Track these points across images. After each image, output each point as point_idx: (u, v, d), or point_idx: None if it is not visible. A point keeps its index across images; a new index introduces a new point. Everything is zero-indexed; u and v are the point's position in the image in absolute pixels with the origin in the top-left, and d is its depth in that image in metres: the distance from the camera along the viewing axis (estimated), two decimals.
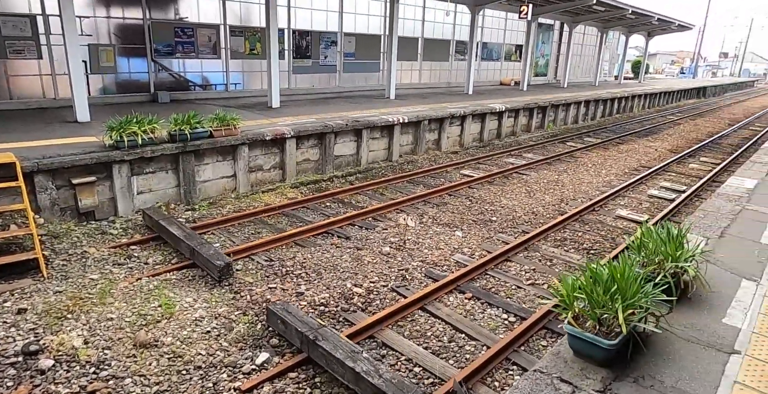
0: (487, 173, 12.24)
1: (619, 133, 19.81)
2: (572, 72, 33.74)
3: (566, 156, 15.16)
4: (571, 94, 23.31)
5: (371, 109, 14.44)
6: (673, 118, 26.03)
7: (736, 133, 22.16)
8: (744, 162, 11.42)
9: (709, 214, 6.14)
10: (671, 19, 31.45)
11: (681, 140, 19.33)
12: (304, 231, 7.93)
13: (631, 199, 11.04)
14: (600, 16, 25.94)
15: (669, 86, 35.39)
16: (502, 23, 26.52)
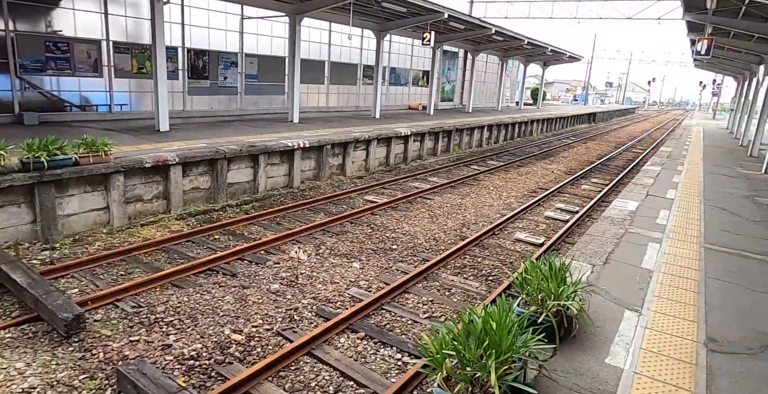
0: (391, 199, 12.01)
1: (519, 156, 20.65)
2: (476, 98, 35.27)
3: (470, 179, 15.40)
4: (475, 118, 24.15)
5: (272, 133, 13.82)
6: (568, 142, 27.79)
7: (622, 155, 24.01)
8: (628, 183, 12.16)
9: (595, 238, 6.21)
10: (563, 51, 34.02)
11: (575, 162, 20.51)
12: (184, 269, 7.10)
13: (529, 221, 11.25)
14: (499, 45, 27.39)
15: (564, 112, 38.04)
16: (410, 49, 27.14)
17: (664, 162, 14.79)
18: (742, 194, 10.34)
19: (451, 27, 21.17)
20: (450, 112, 27.89)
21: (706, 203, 9.15)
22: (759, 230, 7.58)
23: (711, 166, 14.46)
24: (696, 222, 7.53)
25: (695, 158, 16.35)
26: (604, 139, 31.86)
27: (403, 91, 27.72)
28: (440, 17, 17.59)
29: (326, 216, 10.52)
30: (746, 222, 7.94)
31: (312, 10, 15.10)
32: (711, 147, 21.04)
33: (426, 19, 18.07)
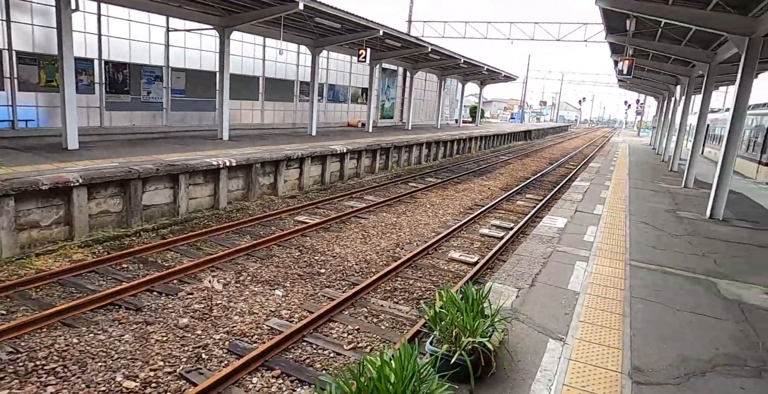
0: (323, 219, 11.54)
1: (457, 173, 20.76)
2: (416, 115, 35.61)
3: (407, 197, 15.17)
4: (414, 136, 24.20)
5: (198, 151, 13.06)
6: (505, 158, 28.40)
7: (555, 170, 24.74)
8: (560, 197, 12.33)
9: (523, 259, 6.02)
10: (498, 70, 35.08)
11: (511, 178, 20.84)
12: (79, 305, 6.30)
13: (464, 239, 11.08)
14: (437, 64, 27.81)
15: (501, 130, 39.10)
16: (348, 66, 27.02)
17: (592, 178, 15.21)
18: (664, 208, 10.66)
19: (387, 44, 21.21)
20: (389, 129, 27.89)
21: (632, 217, 9.31)
22: (680, 245, 7.71)
23: (636, 182, 15.00)
24: (622, 238, 7.56)
25: (622, 174, 16.97)
26: (539, 155, 32.87)
27: (342, 108, 27.48)
28: (375, 34, 17.53)
29: (252, 239, 9.90)
30: (669, 237, 8.07)
31: (241, 23, 14.58)
32: (636, 163, 22.04)
33: (361, 35, 17.96)
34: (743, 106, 9.13)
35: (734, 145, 9.36)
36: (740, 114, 9.20)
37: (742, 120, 9.27)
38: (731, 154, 9.44)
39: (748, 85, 9.07)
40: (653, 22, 12.19)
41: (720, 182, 9.66)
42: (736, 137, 9.32)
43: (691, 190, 14.23)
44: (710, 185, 15.36)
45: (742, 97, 9.07)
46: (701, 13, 9.45)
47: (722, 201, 9.73)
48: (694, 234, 8.37)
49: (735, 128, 9.28)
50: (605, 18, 13.09)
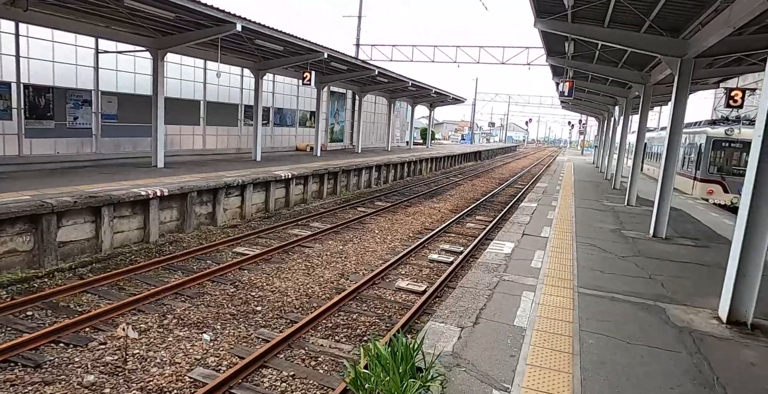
0: (264, 249, 10.87)
1: (408, 196, 20.50)
2: (367, 138, 35.45)
3: (355, 222, 14.69)
4: (364, 159, 23.90)
5: (128, 180, 12.17)
6: (455, 180, 28.50)
7: (505, 191, 24.95)
8: (509, 219, 12.18)
9: (467, 291, 5.64)
10: (446, 93, 35.61)
11: (461, 200, 20.76)
12: None
13: (412, 266, 10.67)
14: (385, 87, 27.85)
15: (451, 151, 39.50)
16: (295, 90, 26.60)
17: (540, 198, 15.26)
18: (609, 228, 10.66)
19: (334, 67, 20.99)
20: (339, 152, 27.52)
21: (579, 239, 9.19)
22: (627, 267, 7.57)
23: (581, 201, 15.15)
24: (569, 262, 7.35)
25: (567, 193, 17.18)
26: (489, 175, 33.27)
27: (291, 132, 26.93)
28: (320, 57, 17.24)
29: (183, 275, 9.12)
30: (615, 259, 7.94)
31: (175, 45, 13.94)
32: (581, 181, 22.52)
33: (306, 58, 17.63)
34: (679, 124, 9.30)
35: (672, 164, 9.49)
36: (677, 132, 9.36)
37: (678, 138, 9.43)
38: (670, 173, 9.56)
39: (682, 104, 9.26)
40: (591, 45, 12.47)
41: (661, 202, 9.74)
42: (674, 156, 9.46)
43: (634, 208, 14.47)
44: (651, 202, 15.77)
45: (678, 116, 9.25)
46: (636, 36, 9.68)
47: (664, 220, 9.80)
48: (639, 254, 8.30)
49: (672, 147, 9.43)
50: (545, 41, 13.33)
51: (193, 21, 12.77)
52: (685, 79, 9.10)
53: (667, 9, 8.37)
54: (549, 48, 14.23)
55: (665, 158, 9.39)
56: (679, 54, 9.11)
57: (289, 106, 26.52)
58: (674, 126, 9.29)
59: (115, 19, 13.11)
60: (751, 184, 4.85)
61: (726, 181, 18.75)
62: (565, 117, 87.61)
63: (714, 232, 11.56)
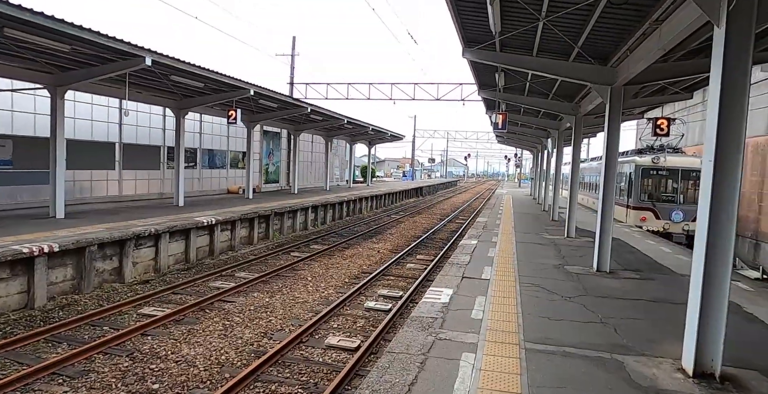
0: (177, 308, 9.47)
1: (346, 237, 19.50)
2: (304, 178, 34.45)
3: (287, 270, 13.48)
4: (299, 200, 22.82)
5: (12, 235, 10.49)
6: (396, 217, 27.83)
7: (446, 226, 24.47)
8: (450, 257, 11.39)
9: (397, 359, 4.67)
10: (384, 130, 35.48)
11: (402, 239, 19.97)
12: None
13: (346, 317, 9.60)
14: (320, 125, 27.19)
15: (392, 188, 39.11)
16: (225, 129, 25.42)
17: (480, 234, 14.70)
18: (553, 264, 10.10)
19: (263, 105, 20.10)
20: (274, 194, 26.29)
21: (522, 279, 8.50)
22: (575, 310, 6.89)
23: (522, 235, 14.72)
24: (513, 309, 6.57)
25: (508, 227, 16.79)
26: (430, 211, 32.92)
27: (221, 174, 25.51)
28: (245, 94, 16.33)
29: (69, 348, 7.59)
30: (562, 301, 7.26)
31: (77, 81, 12.60)
32: (520, 214, 22.41)
33: (230, 95, 16.66)
34: (614, 152, 9.03)
35: (611, 195, 9.14)
36: (612, 161, 9.06)
37: (614, 167, 9.14)
38: (609, 204, 9.19)
39: (615, 131, 9.03)
40: (521, 76, 12.35)
41: (602, 235, 9.29)
42: (612, 186, 9.12)
43: (574, 239, 14.16)
44: (590, 233, 15.65)
45: (612, 144, 8.98)
46: (565, 65, 9.49)
47: (607, 254, 9.34)
48: (587, 293, 7.67)
49: (609, 176, 9.10)
50: (476, 72, 13.11)
51: (95, 54, 11.57)
52: (616, 106, 8.90)
53: (595, 35, 8.16)
54: (480, 80, 14.07)
55: (603, 189, 9.04)
56: (608, 82, 8.94)
57: (219, 147, 25.21)
58: (609, 154, 8.99)
59: (6, 54, 11.70)
60: (706, 216, 4.28)
61: (657, 208, 19.13)
62: (501, 151, 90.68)
63: (655, 261, 11.29)
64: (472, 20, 8.78)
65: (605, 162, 9.02)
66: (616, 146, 9.10)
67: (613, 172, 9.04)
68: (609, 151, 8.98)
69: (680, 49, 8.19)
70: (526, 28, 7.71)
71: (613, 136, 8.97)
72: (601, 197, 9.10)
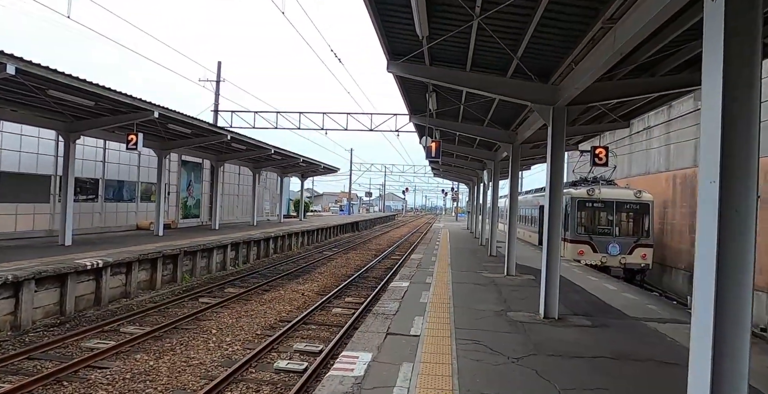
0: (22, 382, 7.19)
1: (269, 278, 17.47)
2: (230, 213, 32.00)
3: (189, 320, 11.33)
4: (218, 236, 20.57)
5: None
6: (329, 254, 26.00)
7: (381, 263, 22.91)
8: (376, 305, 9.79)
9: None
10: (317, 162, 33.86)
11: (331, 278, 18.19)
12: None
13: (249, 383, 7.70)
14: (245, 155, 25.19)
15: (327, 223, 37.30)
16: (136, 158, 22.89)
17: (413, 274, 13.23)
18: (494, 310, 8.72)
19: (176, 131, 18.00)
20: (192, 230, 23.78)
21: (459, 334, 7.01)
22: (525, 377, 5.45)
23: (459, 274, 13.38)
24: (448, 384, 5.01)
25: (443, 265, 15.47)
26: (366, 247, 31.35)
27: (130, 208, 22.78)
28: (148, 116, 14.28)
29: None
30: (508, 364, 5.81)
31: None
32: (457, 249, 21.29)
33: (131, 118, 14.54)
34: (558, 182, 7.92)
35: (557, 229, 7.98)
36: (557, 190, 7.94)
37: (560, 196, 8.02)
38: (555, 239, 8.00)
39: (559, 156, 7.97)
40: (454, 97, 11.29)
41: (549, 276, 8.04)
42: (558, 218, 7.98)
43: (515, 278, 13.01)
44: (531, 270, 14.57)
45: (557, 170, 7.88)
46: (503, 81, 8.42)
47: (555, 297, 8.08)
48: (537, 352, 6.27)
49: (555, 207, 7.95)
50: (405, 92, 11.99)
51: None
52: (559, 128, 7.88)
53: (537, 41, 7.20)
54: (411, 103, 12.97)
55: (549, 221, 7.86)
56: (550, 101, 7.97)
57: (128, 178, 22.58)
58: (554, 181, 7.86)
59: None
60: (712, 259, 2.98)
61: (594, 241, 18.58)
62: (439, 185, 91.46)
63: (603, 302, 10.23)
64: (397, 27, 7.55)
65: (550, 191, 7.87)
66: (561, 174, 8.03)
67: (558, 202, 7.90)
68: (553, 177, 7.84)
69: (631, 62, 7.34)
70: (459, 30, 6.53)
71: (557, 160, 7.91)
72: (547, 232, 7.92)
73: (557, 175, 8.03)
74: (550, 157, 7.96)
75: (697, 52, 6.86)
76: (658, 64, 7.65)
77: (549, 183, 8.00)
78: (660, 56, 6.93)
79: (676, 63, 7.42)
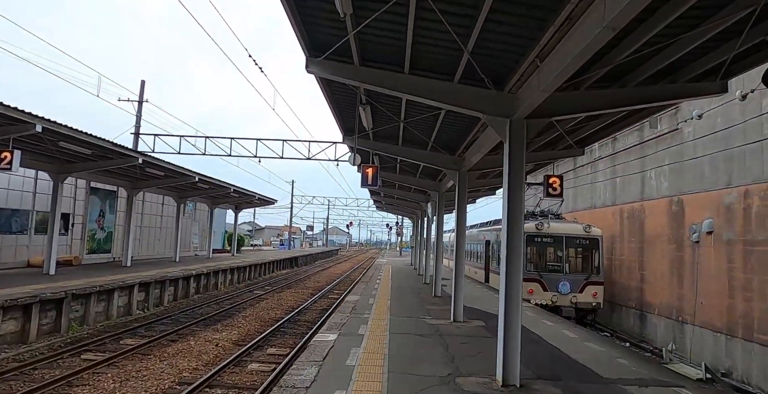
0: None
1: (182, 324, 14.90)
2: (150, 247, 28.82)
3: (52, 388, 8.76)
4: (125, 275, 17.74)
5: None
6: (259, 293, 23.46)
7: (317, 303, 20.70)
8: (299, 357, 7.73)
9: None
10: (251, 193, 31.42)
11: (256, 323, 15.81)
12: None
13: None
14: (165, 182, 22.52)
15: (262, 258, 34.60)
16: (32, 184, 19.82)
17: (344, 321, 11.20)
18: (439, 375, 6.85)
19: (72, 152, 15.34)
20: (99, 267, 20.65)
21: None
22: None
23: (398, 321, 11.46)
24: None
25: (382, 308, 13.54)
26: (303, 285, 28.94)
27: (20, 241, 19.49)
28: (29, 130, 11.81)
29: None
30: None
31: None
32: (399, 288, 19.46)
33: (7, 131, 12.03)
34: (519, 210, 6.34)
35: (518, 267, 6.35)
36: (516, 223, 6.34)
37: (520, 228, 6.42)
38: (515, 285, 6.34)
39: (519, 181, 6.48)
40: (393, 111, 9.78)
41: (508, 329, 6.32)
42: (519, 255, 6.38)
43: (463, 325, 11.28)
44: (481, 314, 12.87)
45: (516, 200, 6.31)
46: (452, 88, 6.94)
47: (516, 358, 6.34)
48: None
49: (514, 242, 6.34)
50: (335, 106, 10.31)
51: None
52: (518, 146, 6.49)
53: (489, 37, 5.85)
54: (343, 122, 11.34)
55: (506, 260, 6.20)
56: (507, 113, 6.64)
57: (19, 206, 19.39)
58: (513, 210, 6.24)
59: None
60: None
61: (544, 279, 17.33)
62: (383, 219, 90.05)
63: (568, 356, 8.63)
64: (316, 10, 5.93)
65: (508, 221, 6.17)
66: (521, 198, 6.52)
67: (519, 234, 6.28)
68: (512, 204, 6.31)
69: (597, 68, 6.04)
70: (394, 2, 4.93)
71: (516, 186, 6.41)
72: (505, 272, 6.27)
73: (516, 202, 6.49)
74: (508, 180, 6.48)
75: (681, 54, 5.85)
76: (632, 71, 6.51)
77: (507, 211, 6.45)
78: (636, 57, 5.69)
79: (654, 69, 6.27)
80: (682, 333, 15.50)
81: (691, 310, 14.96)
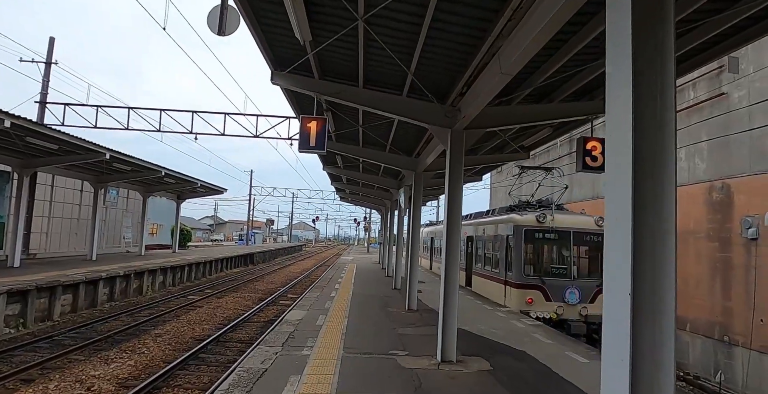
0: None
1: (63, 348, 10.68)
2: (62, 242, 24.06)
3: None
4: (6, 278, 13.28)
5: None
6: (193, 298, 19.20)
7: (262, 313, 16.61)
8: None
9: None
10: (191, 179, 26.68)
11: (170, 345, 11.60)
12: None
13: None
14: (69, 159, 17.52)
15: (208, 256, 30.19)
16: None
17: (265, 367, 7.11)
18: None
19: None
20: None
21: None
22: None
23: (356, 360, 7.52)
24: None
25: (334, 335, 9.43)
26: (253, 286, 24.77)
27: None
28: None
29: None
30: None
31: None
32: (362, 296, 15.53)
33: None
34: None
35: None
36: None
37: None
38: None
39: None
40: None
41: None
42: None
43: (458, 372, 7.28)
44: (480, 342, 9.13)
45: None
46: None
47: None
48: None
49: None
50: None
51: None
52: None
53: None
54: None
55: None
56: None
57: None
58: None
59: None
60: None
61: (547, 286, 13.66)
62: (351, 214, 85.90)
63: None
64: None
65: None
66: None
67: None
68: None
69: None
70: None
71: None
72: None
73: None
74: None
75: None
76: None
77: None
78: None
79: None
80: (729, 358, 12.19)
81: (744, 329, 11.65)
